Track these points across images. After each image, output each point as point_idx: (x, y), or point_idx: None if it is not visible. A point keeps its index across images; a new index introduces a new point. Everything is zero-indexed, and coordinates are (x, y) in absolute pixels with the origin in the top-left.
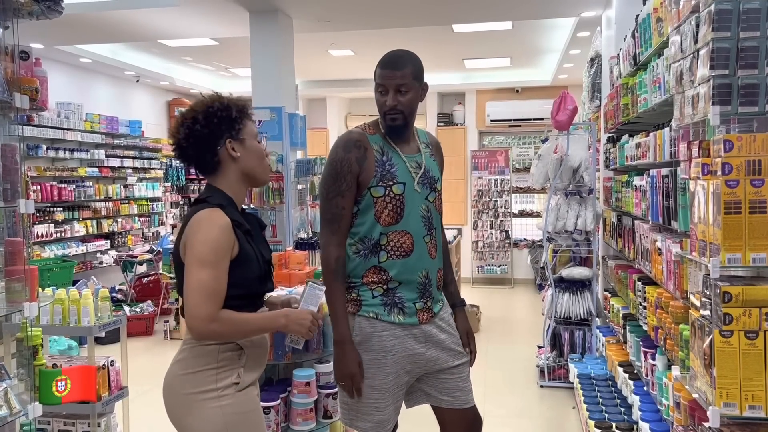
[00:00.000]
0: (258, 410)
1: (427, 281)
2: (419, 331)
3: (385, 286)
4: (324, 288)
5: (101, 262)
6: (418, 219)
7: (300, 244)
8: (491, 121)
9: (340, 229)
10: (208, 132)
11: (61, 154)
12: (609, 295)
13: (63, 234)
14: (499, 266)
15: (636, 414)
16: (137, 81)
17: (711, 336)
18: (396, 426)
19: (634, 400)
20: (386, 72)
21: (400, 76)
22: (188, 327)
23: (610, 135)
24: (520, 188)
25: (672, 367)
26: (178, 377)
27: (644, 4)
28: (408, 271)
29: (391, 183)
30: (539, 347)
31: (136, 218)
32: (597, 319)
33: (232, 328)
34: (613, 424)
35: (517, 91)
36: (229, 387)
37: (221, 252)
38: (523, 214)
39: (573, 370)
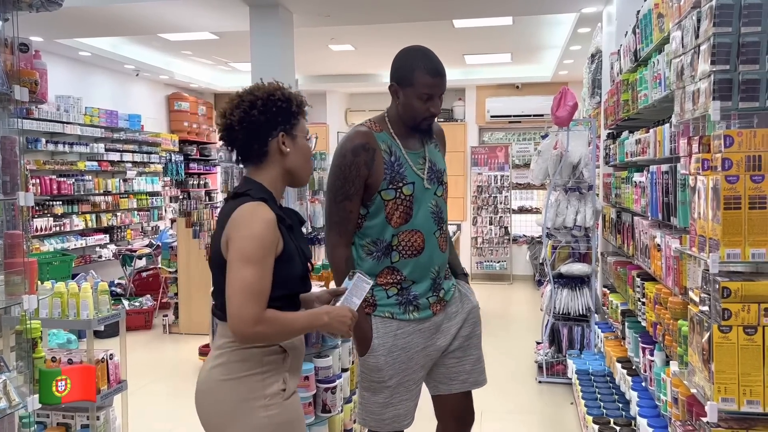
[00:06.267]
0: (302, 418)
1: (438, 275)
2: (431, 323)
3: (399, 286)
4: (371, 281)
5: (100, 256)
6: (428, 216)
7: None
8: (491, 117)
9: (347, 231)
10: (264, 120)
11: (60, 147)
12: (608, 291)
13: (62, 228)
14: (498, 262)
15: (634, 409)
16: (137, 75)
17: (710, 331)
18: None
19: (632, 395)
20: (437, 80)
21: (445, 84)
22: (232, 330)
23: (610, 131)
24: (520, 184)
25: (670, 362)
26: (221, 383)
27: None
28: (420, 268)
29: (401, 185)
30: (538, 343)
31: (136, 212)
32: (596, 315)
33: (277, 330)
34: (611, 420)
35: (518, 87)
36: (277, 395)
37: (267, 249)
38: (522, 210)
39: (571, 365)
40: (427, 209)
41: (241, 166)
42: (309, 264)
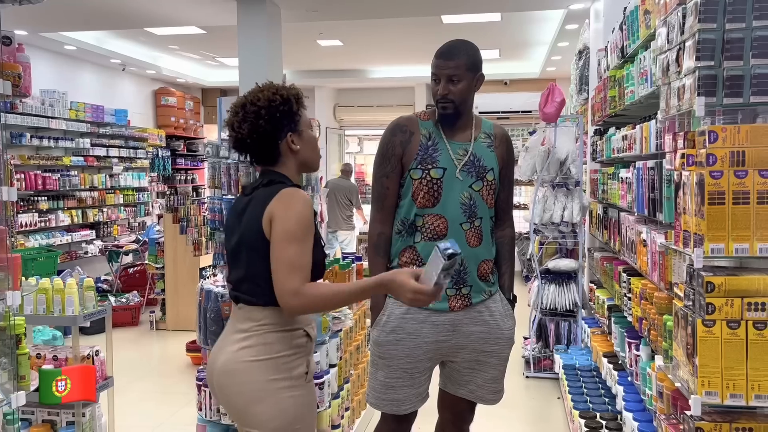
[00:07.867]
0: (315, 402)
1: (462, 269)
2: (447, 319)
3: None
4: (444, 260)
5: (86, 252)
6: (457, 205)
7: None
8: (479, 113)
9: (384, 208)
10: (271, 128)
11: (45, 142)
12: (594, 287)
13: (47, 223)
14: None
15: (620, 404)
16: (123, 69)
17: (693, 326)
18: (415, 413)
19: (618, 390)
20: (439, 62)
21: (452, 66)
22: (281, 304)
23: (597, 127)
24: None
25: (655, 357)
26: (249, 364)
27: None
28: None
29: (429, 167)
30: (525, 338)
31: (122, 208)
32: (582, 310)
33: (319, 301)
34: (598, 414)
35: (506, 83)
36: (301, 377)
37: (308, 228)
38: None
39: (558, 361)
40: (456, 198)
41: (232, 161)
42: (324, 253)
